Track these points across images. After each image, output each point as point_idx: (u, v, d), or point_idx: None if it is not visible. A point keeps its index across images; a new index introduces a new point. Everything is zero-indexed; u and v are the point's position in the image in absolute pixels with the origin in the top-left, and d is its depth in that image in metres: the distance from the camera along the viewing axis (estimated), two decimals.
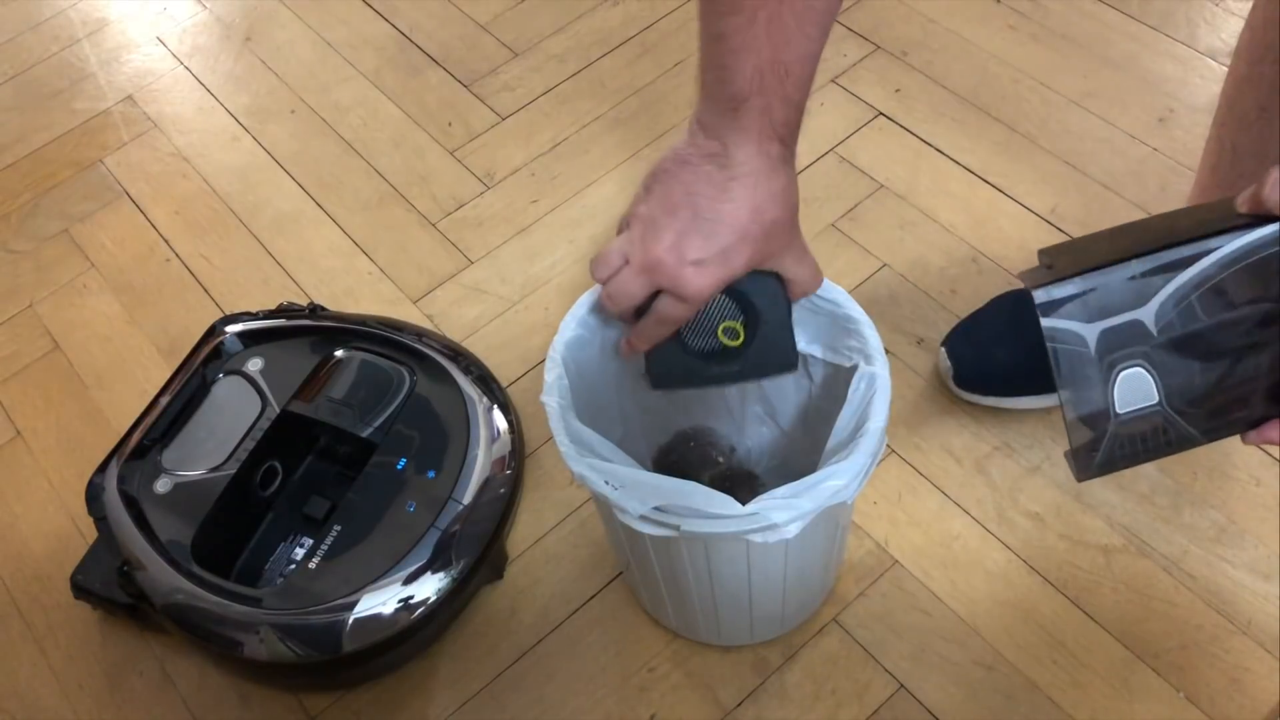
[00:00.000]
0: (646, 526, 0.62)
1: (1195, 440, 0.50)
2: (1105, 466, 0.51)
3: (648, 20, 1.27)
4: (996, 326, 0.92)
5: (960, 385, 0.91)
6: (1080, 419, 0.50)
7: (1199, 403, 0.49)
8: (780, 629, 0.82)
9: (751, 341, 0.67)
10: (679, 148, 0.60)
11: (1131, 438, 0.50)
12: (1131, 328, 0.49)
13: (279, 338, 0.93)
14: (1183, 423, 0.50)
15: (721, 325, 0.67)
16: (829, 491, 0.61)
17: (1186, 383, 0.49)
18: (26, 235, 1.16)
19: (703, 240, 0.59)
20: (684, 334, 0.67)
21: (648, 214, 0.61)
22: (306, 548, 0.85)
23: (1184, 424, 0.50)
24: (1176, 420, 0.49)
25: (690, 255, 0.59)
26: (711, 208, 0.59)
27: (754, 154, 0.58)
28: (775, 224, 0.60)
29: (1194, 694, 0.78)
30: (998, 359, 0.90)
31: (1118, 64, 1.15)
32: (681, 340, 0.67)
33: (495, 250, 1.09)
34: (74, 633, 0.89)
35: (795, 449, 0.82)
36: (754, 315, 0.67)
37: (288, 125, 1.23)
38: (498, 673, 0.84)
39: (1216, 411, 0.50)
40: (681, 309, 0.62)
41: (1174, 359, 0.49)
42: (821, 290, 0.70)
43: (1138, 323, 0.49)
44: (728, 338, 0.67)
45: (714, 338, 0.67)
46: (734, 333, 0.67)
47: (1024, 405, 0.91)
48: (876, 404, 0.65)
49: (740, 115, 0.57)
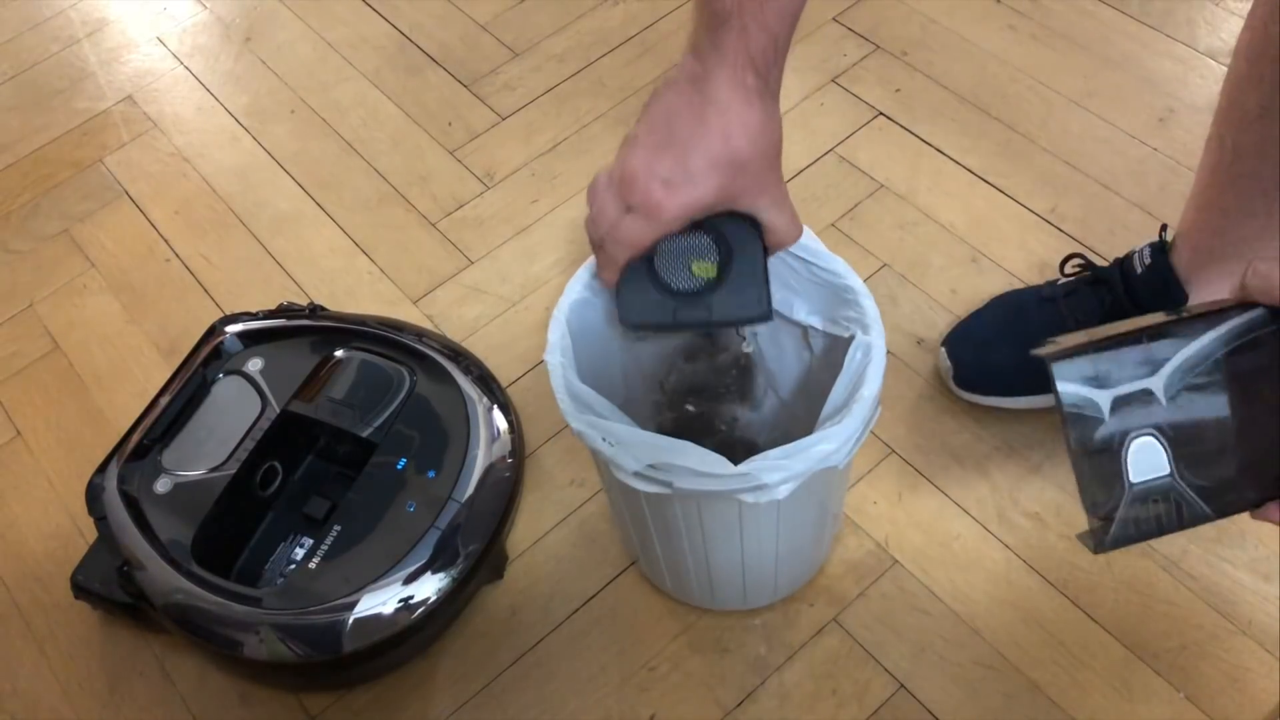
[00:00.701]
0: (641, 483, 0.64)
1: (1206, 515, 0.51)
2: (1120, 539, 0.50)
3: (648, 20, 1.27)
4: (996, 326, 0.92)
5: (960, 385, 0.91)
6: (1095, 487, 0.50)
7: (1206, 476, 0.50)
8: (773, 596, 0.83)
9: (723, 283, 0.66)
10: (671, 71, 0.61)
11: (1145, 508, 0.50)
12: (1143, 396, 0.50)
13: (279, 338, 0.93)
14: (1193, 495, 0.50)
15: (694, 263, 0.66)
16: (820, 455, 0.62)
17: (1196, 455, 0.50)
18: (26, 235, 1.16)
19: (672, 160, 0.60)
20: (656, 268, 0.66)
21: (632, 134, 0.62)
22: (306, 548, 0.85)
23: (1194, 497, 0.50)
24: (1186, 493, 0.50)
25: (660, 172, 0.60)
26: (685, 129, 0.59)
27: (728, 81, 0.58)
28: (746, 157, 0.60)
29: (1194, 694, 0.78)
30: (997, 359, 0.90)
31: (1118, 64, 1.15)
32: (653, 275, 0.66)
33: (495, 250, 1.09)
34: (74, 633, 0.89)
35: (795, 420, 0.82)
36: (728, 257, 0.66)
37: (288, 125, 1.23)
38: (498, 673, 0.84)
39: (1222, 487, 0.50)
40: (646, 229, 0.62)
41: (1183, 430, 0.50)
42: (820, 259, 0.70)
43: (1149, 391, 0.50)
44: (700, 273, 0.66)
45: (687, 275, 0.66)
46: (706, 273, 0.66)
47: (1024, 405, 0.91)
48: (871, 372, 0.65)
49: (719, 36, 0.58)
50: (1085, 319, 0.88)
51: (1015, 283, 0.99)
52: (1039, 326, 0.90)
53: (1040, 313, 0.90)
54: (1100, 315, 0.87)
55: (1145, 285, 0.85)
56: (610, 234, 0.63)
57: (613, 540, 0.89)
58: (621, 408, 0.68)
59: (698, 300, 0.67)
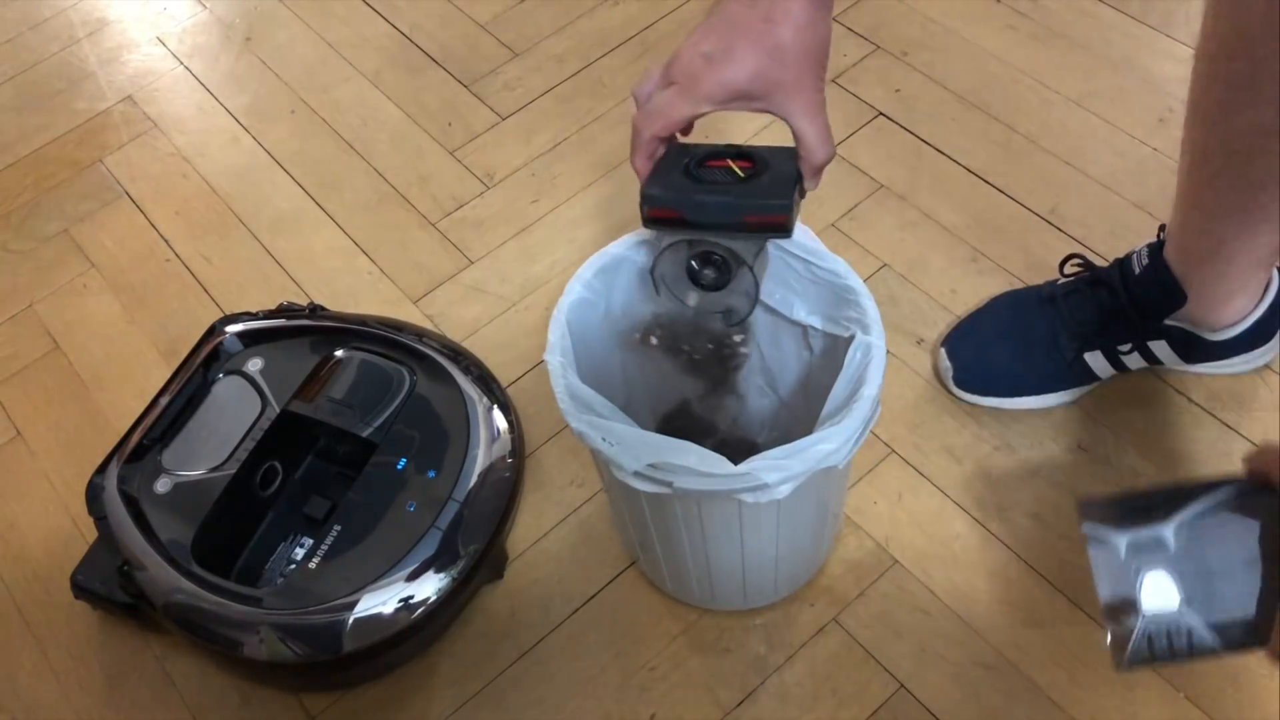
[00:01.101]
0: (641, 483, 0.64)
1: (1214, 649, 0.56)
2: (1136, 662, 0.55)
3: (648, 20, 1.27)
4: (996, 327, 0.92)
5: (960, 386, 0.91)
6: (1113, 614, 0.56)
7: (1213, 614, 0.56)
8: (773, 596, 0.83)
9: (749, 184, 0.66)
10: None
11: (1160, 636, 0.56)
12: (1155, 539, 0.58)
13: (279, 338, 0.93)
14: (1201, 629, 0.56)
15: (728, 157, 0.67)
16: (820, 454, 0.62)
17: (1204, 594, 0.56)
18: (26, 235, 1.17)
19: (716, 38, 0.62)
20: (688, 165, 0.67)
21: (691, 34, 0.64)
22: (306, 548, 0.85)
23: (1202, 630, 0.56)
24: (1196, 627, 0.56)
25: (703, 49, 0.62)
26: (735, 12, 0.62)
27: None
28: (788, 46, 0.61)
29: (1194, 694, 0.78)
30: (998, 359, 0.90)
31: (1118, 64, 1.15)
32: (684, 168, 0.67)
33: (495, 250, 1.09)
34: (74, 633, 0.89)
35: (795, 420, 0.82)
36: (761, 163, 0.67)
37: (288, 125, 1.23)
38: (498, 673, 0.84)
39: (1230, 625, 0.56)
40: (680, 102, 0.63)
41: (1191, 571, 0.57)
42: (820, 259, 0.70)
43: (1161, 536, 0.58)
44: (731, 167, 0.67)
45: (718, 172, 0.67)
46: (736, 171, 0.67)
47: (1024, 405, 0.91)
48: (871, 372, 0.65)
49: None
50: (1084, 319, 0.88)
51: (1015, 282, 0.99)
52: (1038, 327, 0.90)
53: (1040, 313, 0.90)
54: (1099, 316, 0.87)
55: (1144, 285, 0.85)
56: (645, 107, 0.65)
57: (613, 540, 0.89)
58: (621, 408, 0.68)
59: (724, 193, 0.66)
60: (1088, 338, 0.88)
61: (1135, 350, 0.88)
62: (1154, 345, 0.88)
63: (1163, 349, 0.88)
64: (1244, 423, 0.89)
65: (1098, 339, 0.88)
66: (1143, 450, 0.89)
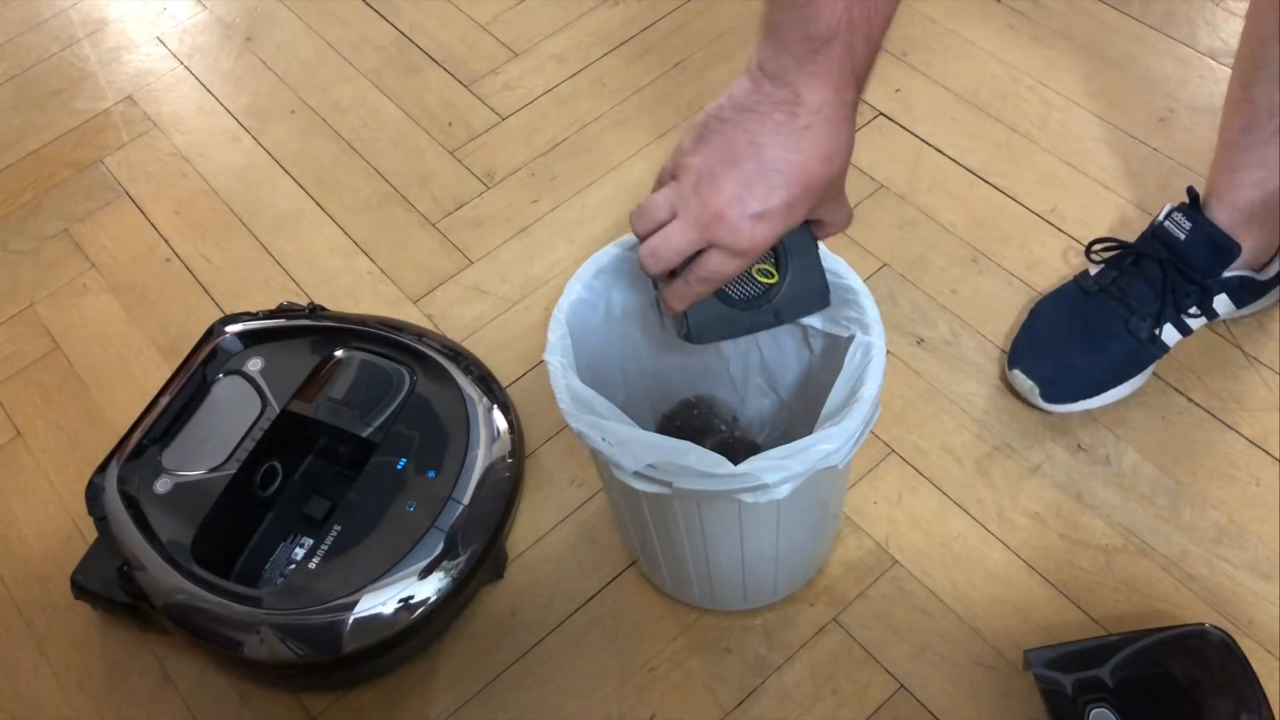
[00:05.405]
0: (641, 483, 0.64)
1: None
2: None
3: (648, 20, 1.27)
4: (1057, 332, 0.91)
5: (1049, 400, 0.90)
6: None
7: None
8: (773, 596, 0.83)
9: (784, 282, 0.67)
10: (738, 96, 0.57)
11: None
12: (1095, 680, 0.72)
13: (279, 338, 0.93)
14: None
15: (756, 267, 0.66)
16: (820, 455, 0.62)
17: None
18: (26, 235, 1.17)
19: (766, 192, 0.56)
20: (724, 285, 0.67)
21: (703, 165, 0.58)
22: (306, 548, 0.85)
23: None
24: None
25: (753, 208, 0.57)
26: (780, 158, 0.56)
27: (830, 100, 0.55)
28: (840, 174, 0.58)
29: None
30: (1075, 363, 0.89)
31: (1118, 64, 1.15)
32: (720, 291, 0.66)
33: (495, 250, 1.09)
34: (74, 633, 0.89)
35: (796, 420, 0.82)
36: (785, 256, 0.66)
37: (288, 125, 1.23)
38: (498, 673, 0.84)
39: None
40: (734, 265, 0.60)
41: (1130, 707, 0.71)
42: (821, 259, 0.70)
43: (1099, 678, 0.72)
44: (763, 277, 0.66)
45: (750, 283, 0.66)
46: (768, 274, 0.66)
47: (1112, 398, 0.90)
48: (870, 372, 0.65)
49: (821, 57, 0.54)
50: (1145, 297, 0.89)
51: (1015, 282, 0.99)
52: (1101, 319, 0.90)
53: (1096, 305, 0.91)
54: (1158, 289, 0.88)
55: (1194, 247, 0.86)
56: (695, 271, 0.61)
57: (613, 540, 0.89)
58: (621, 408, 0.68)
59: (763, 304, 0.67)
60: (1158, 313, 0.88)
61: (1201, 312, 0.89)
62: (1216, 301, 0.89)
63: (1222, 302, 0.90)
64: (1244, 422, 0.89)
65: (1167, 311, 0.88)
66: (1143, 450, 0.89)
